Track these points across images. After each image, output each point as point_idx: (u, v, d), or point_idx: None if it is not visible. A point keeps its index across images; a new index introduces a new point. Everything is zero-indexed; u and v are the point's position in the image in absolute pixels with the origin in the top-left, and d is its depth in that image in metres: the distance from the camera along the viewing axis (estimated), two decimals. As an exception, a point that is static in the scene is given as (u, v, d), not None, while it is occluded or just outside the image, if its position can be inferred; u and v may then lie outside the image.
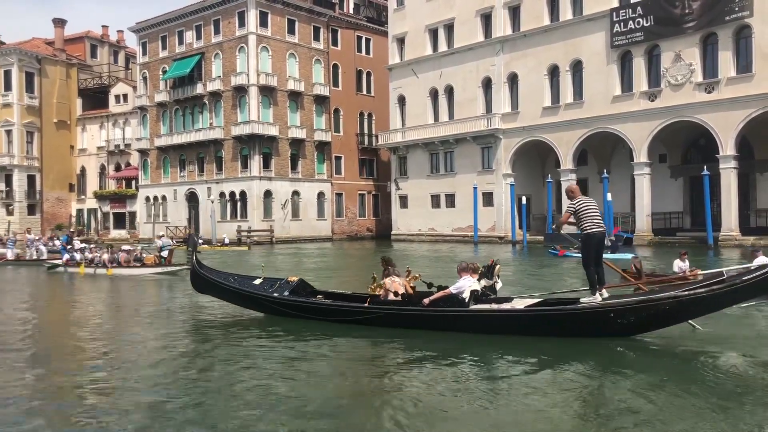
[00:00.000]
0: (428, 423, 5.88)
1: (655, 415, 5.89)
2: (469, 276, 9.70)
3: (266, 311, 11.36)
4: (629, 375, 7.25)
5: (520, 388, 6.90)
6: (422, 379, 7.36)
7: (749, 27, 30.16)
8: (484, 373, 7.72)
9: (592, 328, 8.84)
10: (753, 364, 7.83)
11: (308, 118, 50.21)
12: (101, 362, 8.70)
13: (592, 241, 9.17)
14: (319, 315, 10.58)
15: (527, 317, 9.23)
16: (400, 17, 46.16)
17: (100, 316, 13.37)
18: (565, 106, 37.06)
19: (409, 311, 9.94)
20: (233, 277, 12.38)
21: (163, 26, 52.85)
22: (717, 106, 31.07)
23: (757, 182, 34.40)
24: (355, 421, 6.01)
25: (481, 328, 9.33)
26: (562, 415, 6.02)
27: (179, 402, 6.64)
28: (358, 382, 7.52)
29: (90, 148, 59.17)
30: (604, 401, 6.60)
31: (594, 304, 8.94)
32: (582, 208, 9.25)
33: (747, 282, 8.20)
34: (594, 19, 35.52)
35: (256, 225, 46.61)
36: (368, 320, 10.07)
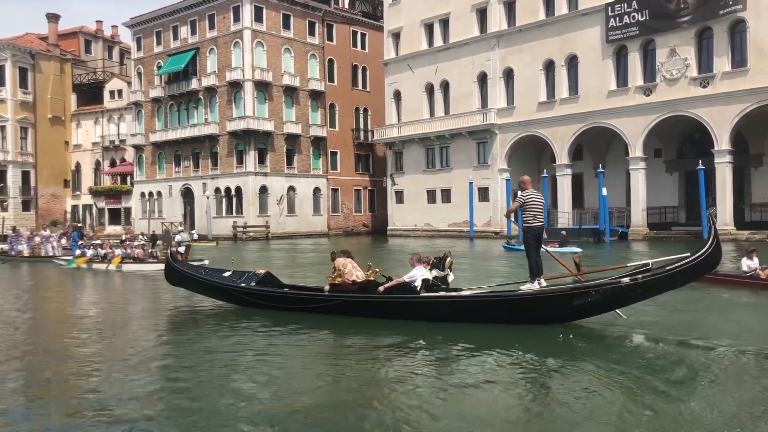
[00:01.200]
0: (381, 409, 6.20)
1: (587, 398, 6.31)
2: (421, 266, 10.41)
3: (235, 302, 11.93)
4: (566, 360, 7.77)
5: (464, 374, 7.30)
6: (375, 365, 7.85)
7: (744, 21, 30.18)
8: (431, 360, 8.19)
9: (529, 314, 9.43)
10: (670, 346, 8.45)
11: (303, 114, 50.11)
12: (88, 361, 8.67)
13: (532, 233, 9.92)
14: (283, 304, 11.23)
15: (470, 303, 9.89)
16: (396, 12, 46.06)
17: (97, 312, 13.35)
18: (561, 101, 37.06)
19: (365, 299, 10.54)
20: (204, 270, 13.23)
21: (157, 21, 52.64)
22: (712, 101, 31.10)
23: (752, 177, 34.48)
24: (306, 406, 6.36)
25: (429, 314, 9.94)
26: (502, 401, 6.40)
27: (147, 390, 6.93)
28: (311, 367, 7.95)
29: (85, 144, 58.96)
30: (538, 387, 6.98)
31: (531, 291, 9.57)
32: (528, 201, 9.94)
33: (669, 272, 8.78)
34: (589, 14, 35.50)
35: (252, 221, 46.54)
36: (329, 308, 10.66)
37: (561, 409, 6.09)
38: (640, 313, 10.24)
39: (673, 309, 11.09)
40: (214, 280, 12.28)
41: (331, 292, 10.87)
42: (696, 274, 9.12)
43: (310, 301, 11.06)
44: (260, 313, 11.13)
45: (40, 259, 26.97)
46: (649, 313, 10.48)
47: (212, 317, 11.59)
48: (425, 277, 10.26)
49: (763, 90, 29.45)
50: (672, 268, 8.81)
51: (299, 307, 11.01)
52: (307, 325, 10.23)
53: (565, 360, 7.78)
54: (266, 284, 11.88)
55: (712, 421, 5.65)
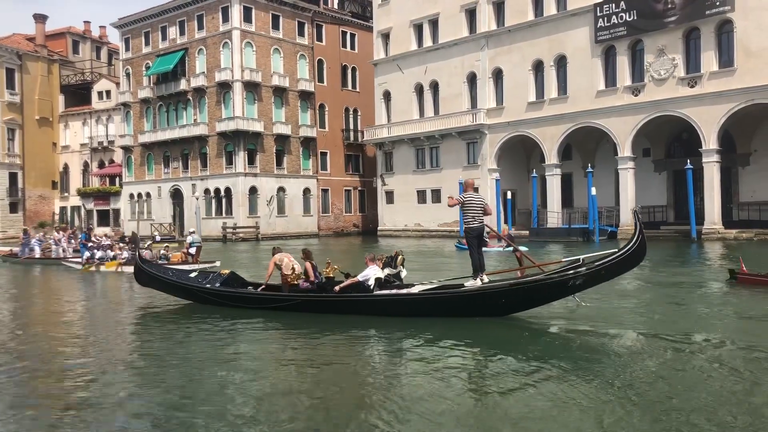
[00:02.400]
0: (333, 401, 6.52)
1: (530, 388, 6.71)
2: (374, 265, 11.13)
3: (200, 301, 12.42)
4: (507, 351, 8.35)
5: (417, 367, 7.68)
6: (332, 359, 8.27)
7: (731, 22, 30.38)
8: (384, 354, 8.68)
9: (474, 308, 10.06)
10: (611, 337, 9.07)
11: (293, 114, 50.03)
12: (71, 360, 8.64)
13: (473, 232, 10.56)
14: (245, 303, 11.75)
15: (418, 300, 10.48)
16: (385, 12, 46.06)
17: (86, 313, 13.27)
18: (550, 101, 37.18)
19: (322, 297, 11.23)
20: (171, 271, 13.90)
21: (146, 22, 52.40)
22: (700, 101, 31.29)
23: (739, 176, 34.71)
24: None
25: (382, 310, 10.53)
26: (452, 392, 6.67)
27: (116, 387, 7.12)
28: (266, 362, 8.36)
29: (73, 145, 58.61)
30: (484, 376, 7.46)
31: (474, 287, 10.21)
32: (467, 202, 10.51)
33: (598, 267, 9.40)
34: (578, 14, 35.63)
35: (242, 221, 46.42)
36: (288, 307, 11.21)
37: (504, 401, 6.36)
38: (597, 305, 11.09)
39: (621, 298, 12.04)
40: (180, 281, 12.88)
41: (290, 292, 11.55)
42: (623, 268, 9.61)
43: (271, 300, 11.59)
44: (223, 311, 11.60)
45: (51, 261, 26.30)
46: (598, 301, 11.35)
47: (175, 317, 11.88)
48: (378, 275, 10.98)
49: (750, 90, 29.66)
50: (600, 263, 9.44)
51: (261, 306, 11.49)
52: (267, 323, 10.67)
53: (506, 351, 8.29)
54: (230, 284, 12.49)
55: (644, 413, 5.83)
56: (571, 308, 10.66)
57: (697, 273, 18.23)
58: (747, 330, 9.67)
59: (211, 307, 11.92)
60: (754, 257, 21.93)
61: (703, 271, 18.76)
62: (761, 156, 33.68)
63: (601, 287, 10.92)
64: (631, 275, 13.76)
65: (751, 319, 10.43)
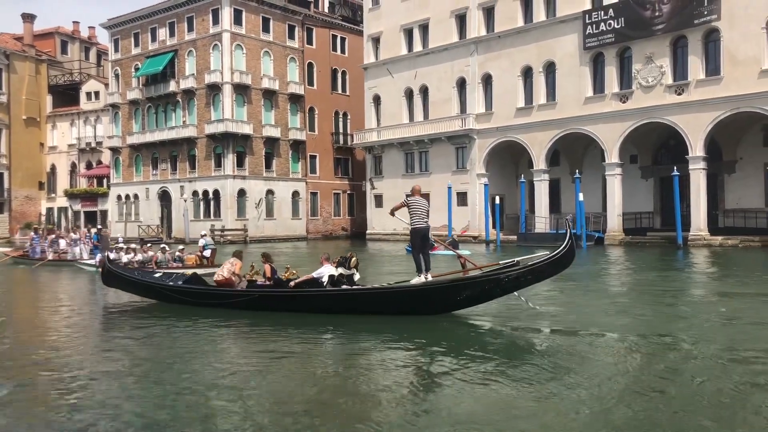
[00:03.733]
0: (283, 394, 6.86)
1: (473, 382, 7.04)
2: (328, 264, 11.85)
3: (164, 299, 13.04)
4: (456, 347, 8.85)
5: (367, 364, 8.10)
6: (280, 355, 8.65)
7: (718, 31, 30.68)
8: (335, 352, 9.12)
9: (418, 305, 10.69)
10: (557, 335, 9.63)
11: (283, 117, 50.00)
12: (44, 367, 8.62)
13: (417, 234, 11.16)
14: (206, 299, 12.38)
15: (366, 296, 11.19)
16: (376, 17, 46.16)
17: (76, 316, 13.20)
18: (538, 107, 37.37)
19: (278, 292, 11.87)
20: (137, 272, 14.73)
21: (135, 23, 52.24)
22: (687, 108, 31.56)
23: (725, 183, 35.01)
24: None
25: (333, 306, 11.16)
26: (403, 390, 6.94)
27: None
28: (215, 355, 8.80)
29: (60, 146, 58.27)
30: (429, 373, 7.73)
31: (418, 283, 10.82)
32: (413, 205, 11.17)
33: (531, 268, 10.11)
34: (567, 21, 35.86)
35: (230, 224, 46.30)
36: (247, 303, 11.71)
37: (448, 396, 6.66)
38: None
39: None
40: (145, 280, 13.62)
41: (248, 289, 12.32)
42: (554, 270, 10.34)
43: (230, 296, 12.15)
44: (184, 309, 12.15)
45: (65, 263, 25.13)
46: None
47: (143, 316, 12.35)
48: (331, 273, 11.62)
49: (736, 98, 29.95)
50: (533, 264, 10.17)
51: (220, 302, 12.13)
52: (226, 322, 11.15)
53: (448, 348, 8.78)
54: (193, 283, 13.10)
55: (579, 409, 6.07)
56: (521, 309, 11.16)
57: (666, 277, 18.42)
58: (696, 329, 10.19)
59: (177, 306, 12.48)
60: (740, 264, 22.17)
61: (671, 275, 18.95)
62: (746, 164, 34.00)
63: (583, 289, 12.29)
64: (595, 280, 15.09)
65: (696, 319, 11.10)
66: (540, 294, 13.09)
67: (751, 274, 18.48)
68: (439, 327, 10.08)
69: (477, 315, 10.88)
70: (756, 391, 6.52)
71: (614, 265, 22.77)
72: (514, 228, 39.37)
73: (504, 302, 11.34)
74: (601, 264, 23.21)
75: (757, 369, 7.38)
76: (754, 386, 6.67)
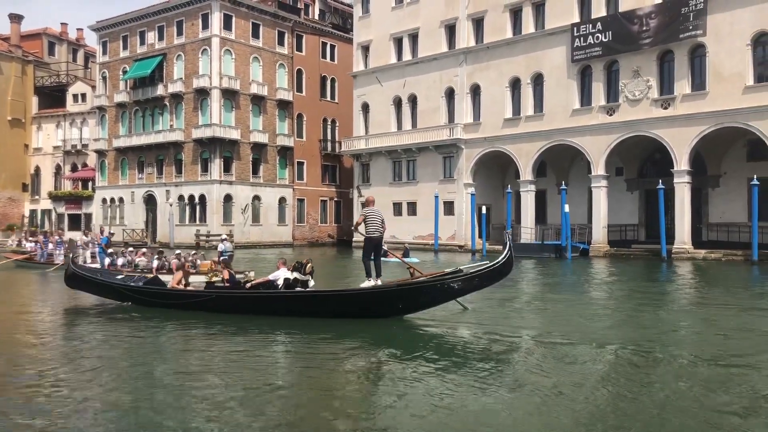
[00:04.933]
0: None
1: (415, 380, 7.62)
2: (284, 268, 12.54)
3: (126, 300, 13.65)
4: (398, 350, 9.43)
5: (305, 364, 8.64)
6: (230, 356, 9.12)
7: (704, 46, 31.02)
8: (288, 352, 9.67)
9: (367, 307, 11.37)
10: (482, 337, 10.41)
11: (271, 123, 49.90)
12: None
13: (372, 242, 11.84)
14: (166, 300, 13.00)
15: (317, 298, 11.86)
16: (365, 25, 46.26)
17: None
18: (526, 118, 37.56)
19: (235, 293, 12.55)
20: (100, 273, 15.25)
21: (124, 26, 52.00)
22: (672, 122, 31.85)
23: (709, 197, 35.32)
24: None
25: (286, 308, 11.74)
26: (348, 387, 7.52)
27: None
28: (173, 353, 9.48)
29: (45, 148, 57.77)
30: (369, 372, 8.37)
31: (368, 288, 11.49)
32: (369, 216, 11.90)
33: (472, 275, 10.94)
34: (555, 34, 36.12)
35: (216, 229, 45.99)
36: (203, 304, 12.34)
37: (394, 395, 7.09)
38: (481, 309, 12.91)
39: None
40: (107, 281, 14.25)
41: (205, 290, 13.09)
42: (493, 278, 11.23)
43: (187, 297, 12.70)
44: (143, 310, 12.83)
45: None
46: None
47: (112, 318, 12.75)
48: (287, 276, 12.28)
49: (721, 113, 30.26)
50: (474, 272, 11.03)
51: (179, 303, 12.69)
52: (182, 324, 11.69)
53: (393, 350, 9.41)
54: (154, 285, 13.77)
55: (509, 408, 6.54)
56: (460, 314, 12.06)
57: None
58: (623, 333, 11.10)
59: (138, 307, 13.13)
60: (722, 278, 22.35)
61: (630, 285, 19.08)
62: (730, 178, 34.34)
63: (562, 299, 13.68)
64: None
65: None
66: (517, 299, 13.75)
67: (718, 287, 18.64)
68: (385, 330, 10.75)
69: (421, 318, 11.59)
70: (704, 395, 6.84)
71: (595, 276, 22.87)
72: (500, 238, 39.42)
73: (446, 307, 12.16)
74: (581, 275, 23.31)
75: (703, 373, 7.89)
76: (703, 389, 7.08)
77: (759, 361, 8.58)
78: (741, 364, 8.47)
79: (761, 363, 8.49)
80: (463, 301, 12.09)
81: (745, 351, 9.29)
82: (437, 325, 11.29)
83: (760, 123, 29.14)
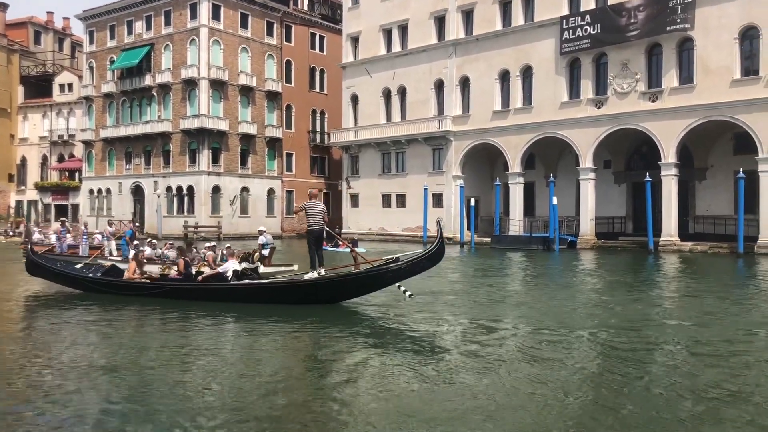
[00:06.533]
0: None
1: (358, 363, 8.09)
2: (233, 260, 13.37)
3: (83, 289, 14.11)
4: (345, 332, 10.11)
5: (252, 349, 8.99)
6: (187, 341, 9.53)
7: (691, 40, 31.15)
8: (237, 336, 10.12)
9: (312, 295, 12.12)
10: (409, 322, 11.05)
11: (259, 114, 49.71)
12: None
13: (313, 234, 12.55)
14: (121, 290, 13.50)
15: (266, 288, 12.55)
16: (355, 16, 46.09)
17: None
18: (515, 111, 37.61)
19: (187, 285, 13.06)
20: (59, 263, 15.63)
21: (111, 15, 51.54)
22: (660, 115, 31.99)
23: (696, 190, 35.56)
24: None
25: (236, 297, 12.39)
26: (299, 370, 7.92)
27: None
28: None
29: (32, 138, 57.28)
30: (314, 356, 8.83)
31: (312, 277, 12.26)
32: (310, 209, 12.50)
33: (407, 263, 11.57)
34: (544, 26, 36.14)
35: (204, 221, 45.88)
36: (159, 293, 12.97)
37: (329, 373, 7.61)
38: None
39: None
40: (66, 271, 14.63)
41: (160, 281, 13.65)
42: (426, 266, 11.82)
43: (144, 288, 13.28)
44: (100, 298, 13.20)
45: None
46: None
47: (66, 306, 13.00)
48: (235, 268, 12.98)
49: (708, 106, 30.43)
50: (410, 260, 11.65)
51: (135, 293, 13.20)
52: (139, 306, 12.42)
53: (337, 333, 10.01)
54: (112, 275, 14.16)
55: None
56: (400, 299, 12.65)
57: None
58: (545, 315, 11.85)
59: (94, 295, 13.46)
60: (707, 269, 22.54)
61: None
62: (717, 171, 34.57)
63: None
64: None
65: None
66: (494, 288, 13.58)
67: (704, 279, 18.82)
68: (329, 315, 11.40)
69: (363, 304, 12.39)
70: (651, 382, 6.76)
71: (581, 267, 22.99)
72: (489, 230, 39.58)
73: (387, 292, 12.96)
74: (567, 266, 23.42)
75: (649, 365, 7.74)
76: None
77: (736, 350, 8.83)
78: (708, 353, 8.65)
79: (738, 349, 8.83)
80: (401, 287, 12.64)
81: (716, 336, 9.74)
82: (377, 311, 11.97)
83: (747, 116, 29.35)
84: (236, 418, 5.85)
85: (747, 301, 14.13)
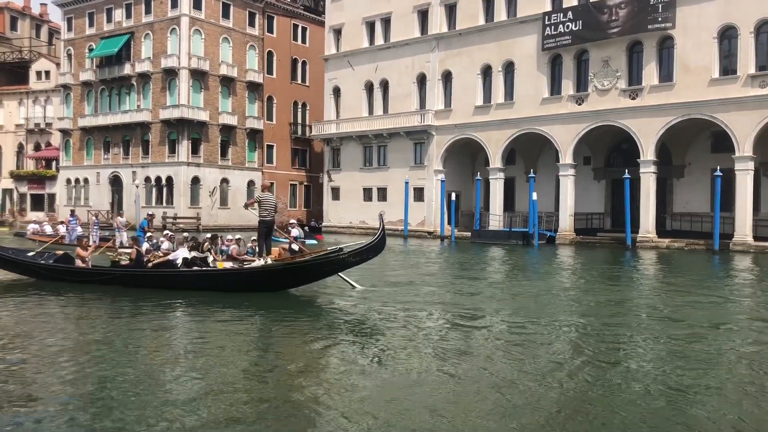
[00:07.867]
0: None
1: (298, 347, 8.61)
2: (183, 248, 13.94)
3: (36, 276, 14.39)
4: (289, 319, 10.49)
5: (203, 335, 9.26)
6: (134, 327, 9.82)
7: (672, 38, 31.43)
8: (186, 322, 10.47)
9: (257, 283, 12.54)
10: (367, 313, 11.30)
11: (240, 105, 49.34)
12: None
13: (265, 224, 13.12)
14: (73, 277, 13.83)
15: (213, 275, 13.02)
16: (338, 8, 45.86)
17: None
18: (496, 106, 37.71)
19: (137, 272, 13.43)
20: (12, 250, 15.88)
21: (90, 2, 50.75)
22: (640, 113, 32.27)
23: (674, 187, 35.97)
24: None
25: (185, 284, 12.77)
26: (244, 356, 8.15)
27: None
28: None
29: (7, 126, 56.33)
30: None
31: (258, 265, 12.84)
32: (263, 201, 13.15)
33: (351, 253, 12.12)
34: (527, 22, 36.24)
35: (183, 212, 45.51)
36: (110, 280, 13.33)
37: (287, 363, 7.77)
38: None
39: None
40: (19, 258, 14.87)
41: (110, 267, 14.07)
42: (369, 256, 12.32)
43: (95, 274, 13.66)
44: (52, 285, 13.48)
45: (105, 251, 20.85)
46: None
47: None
48: (185, 256, 13.53)
49: (687, 104, 30.74)
50: (353, 250, 12.24)
51: (86, 279, 13.54)
52: (95, 293, 12.71)
53: (287, 319, 10.42)
54: (63, 262, 14.45)
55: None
56: (345, 288, 13.35)
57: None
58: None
59: (47, 283, 13.76)
60: (684, 265, 22.82)
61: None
62: (695, 169, 34.98)
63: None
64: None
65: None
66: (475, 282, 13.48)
67: (679, 275, 19.07)
68: (274, 302, 11.80)
69: (309, 292, 12.96)
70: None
71: (558, 262, 23.17)
72: (469, 225, 39.72)
73: (332, 281, 13.63)
74: (545, 261, 23.59)
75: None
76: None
77: (705, 345, 9.00)
78: (677, 348, 8.76)
79: (706, 345, 9.00)
80: (345, 277, 13.43)
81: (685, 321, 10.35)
82: (321, 300, 12.51)
83: (725, 115, 29.71)
84: (189, 413, 5.83)
85: (720, 295, 14.32)
